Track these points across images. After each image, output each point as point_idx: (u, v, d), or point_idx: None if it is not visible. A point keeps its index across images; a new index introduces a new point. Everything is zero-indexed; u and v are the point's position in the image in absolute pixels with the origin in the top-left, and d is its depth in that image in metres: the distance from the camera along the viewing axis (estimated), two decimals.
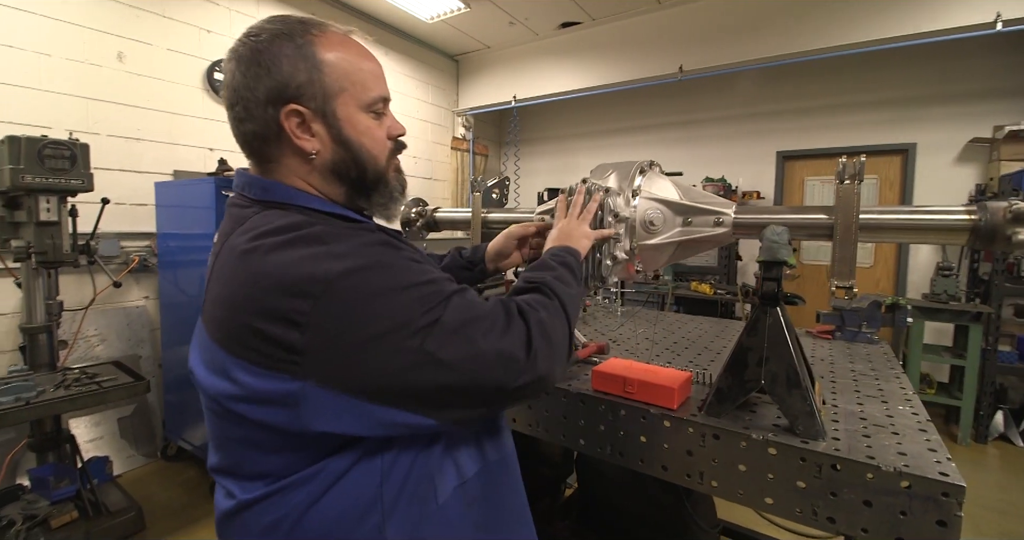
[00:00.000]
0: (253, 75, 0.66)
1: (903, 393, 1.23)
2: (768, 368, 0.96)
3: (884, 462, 0.84)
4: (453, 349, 0.59)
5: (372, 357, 0.57)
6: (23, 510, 2.02)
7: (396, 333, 0.58)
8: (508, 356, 0.62)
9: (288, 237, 0.61)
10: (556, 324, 0.71)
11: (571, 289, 0.80)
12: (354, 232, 0.65)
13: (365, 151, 0.73)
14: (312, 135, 0.69)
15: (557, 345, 0.69)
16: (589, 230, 1.01)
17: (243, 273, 0.60)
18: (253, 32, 0.68)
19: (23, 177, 1.89)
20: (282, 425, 0.60)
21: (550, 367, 0.66)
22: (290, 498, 0.62)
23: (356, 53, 0.72)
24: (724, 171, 4.78)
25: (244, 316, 0.59)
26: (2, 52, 2.52)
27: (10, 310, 2.59)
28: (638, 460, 1.06)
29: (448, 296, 0.63)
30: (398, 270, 0.61)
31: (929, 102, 4.08)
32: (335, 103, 0.69)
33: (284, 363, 0.57)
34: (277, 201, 0.70)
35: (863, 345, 1.69)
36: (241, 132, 0.70)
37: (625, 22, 4.46)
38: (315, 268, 0.57)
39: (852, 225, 0.93)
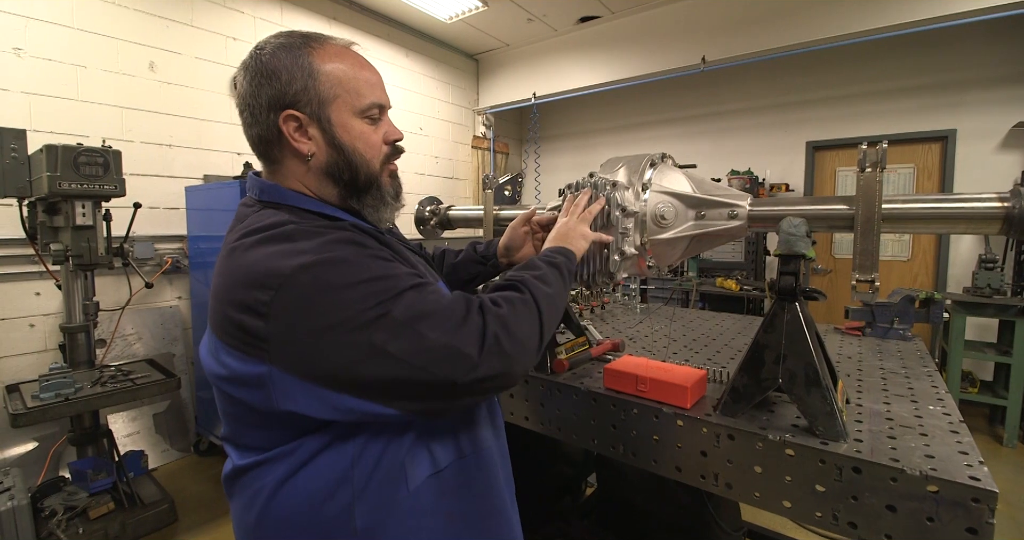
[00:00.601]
0: (257, 84, 0.74)
1: (935, 392, 1.17)
2: (786, 366, 0.92)
3: (909, 465, 0.80)
4: (400, 343, 0.61)
5: (324, 347, 0.61)
6: (64, 501, 2.12)
7: (344, 326, 0.61)
8: (457, 351, 0.62)
9: (263, 236, 0.67)
10: (522, 320, 0.70)
11: (549, 288, 0.79)
12: (325, 230, 0.68)
13: (358, 155, 0.78)
14: (308, 139, 0.75)
15: (520, 341, 0.68)
16: (588, 231, 0.99)
17: (226, 268, 0.68)
18: (260, 46, 0.77)
19: (60, 184, 1.98)
20: (256, 404, 0.66)
21: (507, 364, 0.66)
22: (270, 471, 0.69)
23: (351, 63, 0.78)
24: (750, 163, 4.65)
25: (224, 306, 0.66)
26: (42, 65, 2.65)
27: (53, 310, 2.72)
28: (651, 460, 1.04)
29: (401, 291, 0.64)
30: (354, 266, 0.64)
31: (969, 86, 3.87)
32: (329, 109, 0.75)
33: (254, 348, 0.63)
34: (273, 201, 0.77)
35: (895, 342, 1.62)
36: (249, 136, 0.78)
37: (645, 14, 4.38)
38: (277, 263, 0.63)
39: (874, 215, 0.88)
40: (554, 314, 0.79)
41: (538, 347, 0.72)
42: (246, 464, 0.72)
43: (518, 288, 0.77)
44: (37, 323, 2.70)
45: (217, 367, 0.69)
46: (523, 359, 0.69)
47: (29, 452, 2.57)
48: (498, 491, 0.82)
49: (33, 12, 2.61)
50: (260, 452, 0.71)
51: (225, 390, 0.70)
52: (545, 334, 0.75)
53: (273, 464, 0.69)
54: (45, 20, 2.65)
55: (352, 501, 0.68)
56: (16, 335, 2.64)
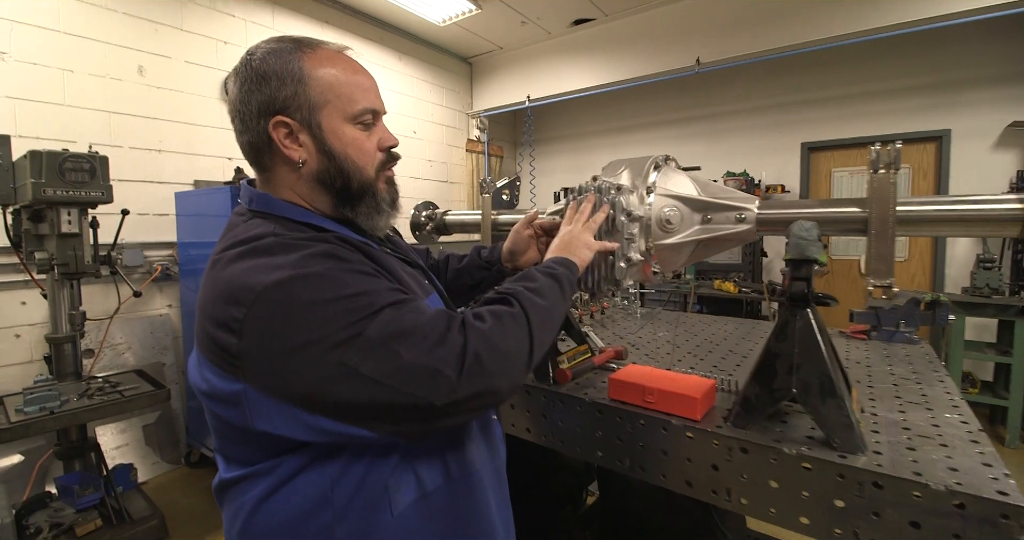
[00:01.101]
0: (247, 90, 0.73)
1: (949, 398, 1.13)
2: (799, 376, 0.88)
3: (933, 479, 0.76)
4: (374, 363, 0.58)
5: (296, 367, 0.59)
6: (49, 518, 2.05)
7: (317, 345, 0.58)
8: (434, 371, 0.59)
9: (244, 249, 0.66)
10: (508, 335, 0.67)
11: (544, 301, 0.75)
12: (307, 243, 0.66)
13: (350, 161, 0.75)
14: (299, 145, 0.74)
15: (504, 358, 0.65)
16: (592, 240, 0.96)
17: (208, 281, 0.67)
18: (251, 51, 0.75)
19: (44, 190, 1.92)
20: (234, 421, 0.65)
21: (489, 383, 0.63)
22: (251, 486, 0.68)
23: (344, 68, 0.75)
24: (746, 165, 4.64)
25: (203, 320, 0.65)
26: (28, 70, 2.59)
27: (39, 320, 2.65)
28: (660, 475, 1.00)
29: (379, 309, 0.61)
30: (330, 282, 0.62)
31: (963, 86, 3.88)
32: (320, 115, 0.73)
33: (229, 365, 0.62)
34: (262, 211, 0.75)
35: (901, 345, 1.59)
36: (240, 143, 0.77)
37: (639, 16, 4.37)
38: (252, 278, 0.61)
39: (889, 218, 0.85)
40: (548, 329, 0.75)
41: (527, 364, 0.69)
42: (231, 478, 0.71)
43: (508, 301, 0.73)
44: (23, 333, 2.63)
45: (200, 381, 0.68)
46: (508, 377, 0.65)
47: (14, 466, 2.49)
48: (487, 518, 0.78)
49: (18, 15, 2.55)
50: (244, 466, 0.69)
51: (207, 404, 0.69)
52: (536, 350, 0.71)
53: (254, 480, 0.68)
54: (31, 23, 2.59)
55: (332, 524, 0.65)
56: (1, 346, 2.57)
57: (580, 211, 1.00)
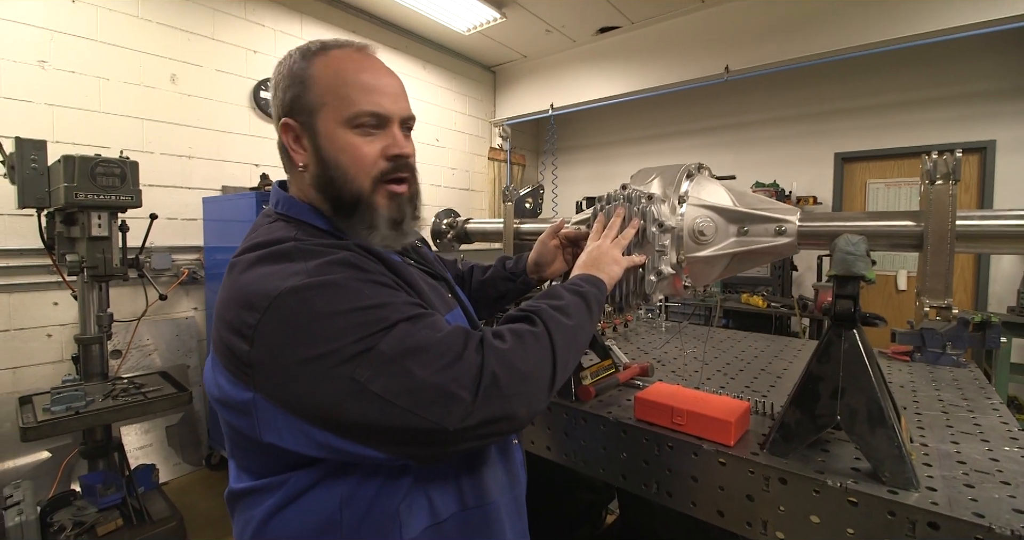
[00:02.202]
0: (274, 94, 0.76)
1: (1006, 429, 1.05)
2: (845, 402, 0.82)
3: (997, 522, 0.69)
4: (385, 381, 0.55)
5: (305, 380, 0.56)
6: (73, 516, 2.07)
7: (328, 358, 0.55)
8: (449, 393, 0.56)
9: (264, 252, 0.64)
10: (530, 356, 0.63)
11: (570, 320, 0.71)
12: (326, 250, 0.65)
13: (340, 170, 0.70)
14: (303, 149, 0.73)
15: (524, 380, 0.61)
16: (621, 257, 0.91)
17: (226, 285, 0.66)
18: (286, 55, 0.76)
19: (76, 194, 1.96)
20: (244, 430, 0.63)
21: (508, 407, 0.59)
22: (259, 501, 0.65)
23: (352, 68, 0.71)
24: (776, 176, 4.51)
25: (219, 324, 0.63)
26: (66, 77, 2.67)
27: (70, 321, 2.72)
28: (689, 502, 0.94)
29: (393, 323, 0.58)
30: (346, 292, 0.59)
31: (1010, 95, 3.71)
32: (317, 118, 0.71)
33: (241, 372, 0.60)
34: (287, 214, 0.74)
35: (948, 369, 1.49)
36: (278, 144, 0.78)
37: (666, 24, 4.32)
38: (267, 284, 0.59)
39: (947, 233, 0.78)
40: (573, 350, 0.71)
41: (548, 387, 0.65)
42: (240, 489, 0.69)
43: (531, 319, 0.70)
44: (54, 333, 2.70)
45: (213, 386, 0.66)
46: (528, 401, 0.61)
47: (42, 463, 2.54)
48: None
49: (59, 25, 2.64)
50: (253, 477, 0.68)
51: (219, 410, 0.67)
52: (559, 372, 0.66)
53: (262, 495, 0.66)
54: (70, 33, 2.68)
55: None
56: (34, 345, 2.64)
57: (609, 225, 0.95)
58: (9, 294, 2.56)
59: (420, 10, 4.04)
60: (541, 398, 0.64)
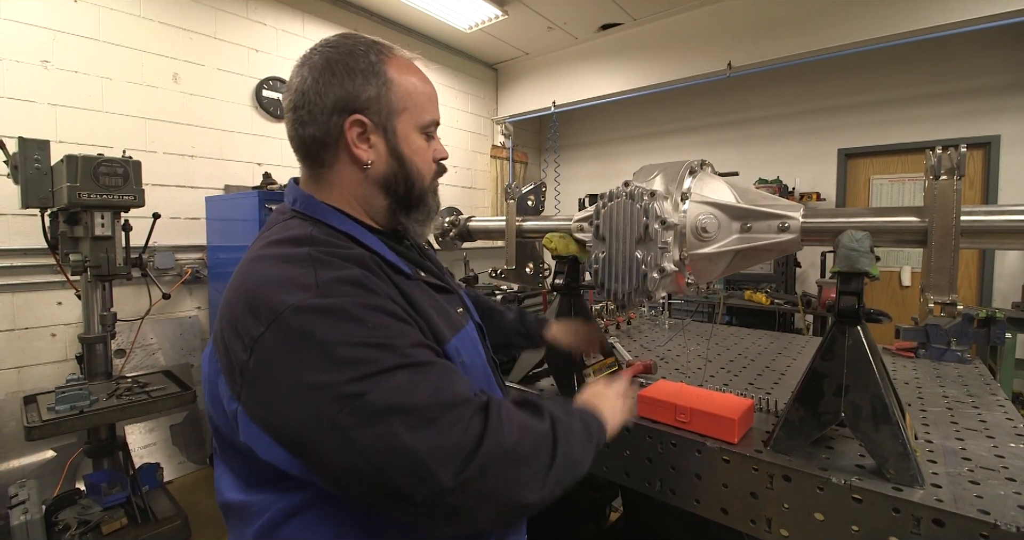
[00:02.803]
0: (325, 82, 0.69)
1: (1011, 425, 1.04)
2: (849, 399, 0.81)
3: (1002, 518, 0.69)
4: (366, 434, 0.52)
5: (290, 405, 0.54)
6: (78, 515, 2.08)
7: (317, 392, 0.53)
8: (425, 466, 0.51)
9: (277, 252, 0.64)
10: (529, 460, 0.58)
11: (575, 449, 0.65)
12: (341, 262, 0.63)
13: (415, 168, 0.76)
14: (370, 146, 0.72)
15: (513, 484, 0.56)
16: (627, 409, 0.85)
17: (239, 278, 0.64)
18: (331, 43, 0.73)
19: (79, 194, 1.97)
20: (232, 439, 0.61)
21: (485, 505, 0.55)
22: (253, 520, 0.63)
23: (419, 77, 0.76)
24: (779, 172, 4.49)
25: (224, 320, 0.62)
26: (69, 78, 2.68)
27: (74, 320, 2.73)
28: (693, 500, 0.94)
29: (394, 369, 0.55)
30: (350, 322, 0.56)
31: (1014, 90, 3.68)
32: (396, 120, 0.73)
33: (232, 380, 0.59)
34: (305, 213, 0.73)
35: (953, 365, 1.48)
36: (300, 135, 0.72)
37: (668, 20, 4.29)
38: (276, 295, 0.58)
39: (952, 229, 0.78)
40: (564, 477, 0.62)
41: (529, 507, 0.58)
42: (233, 502, 0.66)
43: (545, 422, 0.63)
44: (58, 333, 2.71)
45: (209, 386, 0.66)
46: (502, 510, 0.56)
47: (47, 462, 2.56)
48: None
49: (61, 26, 2.64)
50: (242, 485, 0.65)
51: (212, 405, 0.66)
52: (545, 497, 0.59)
53: (254, 516, 0.63)
54: (73, 33, 2.68)
55: None
56: (38, 344, 2.65)
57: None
58: (13, 294, 2.57)
59: (422, 8, 4.03)
60: (513, 517, 0.59)
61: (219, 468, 0.70)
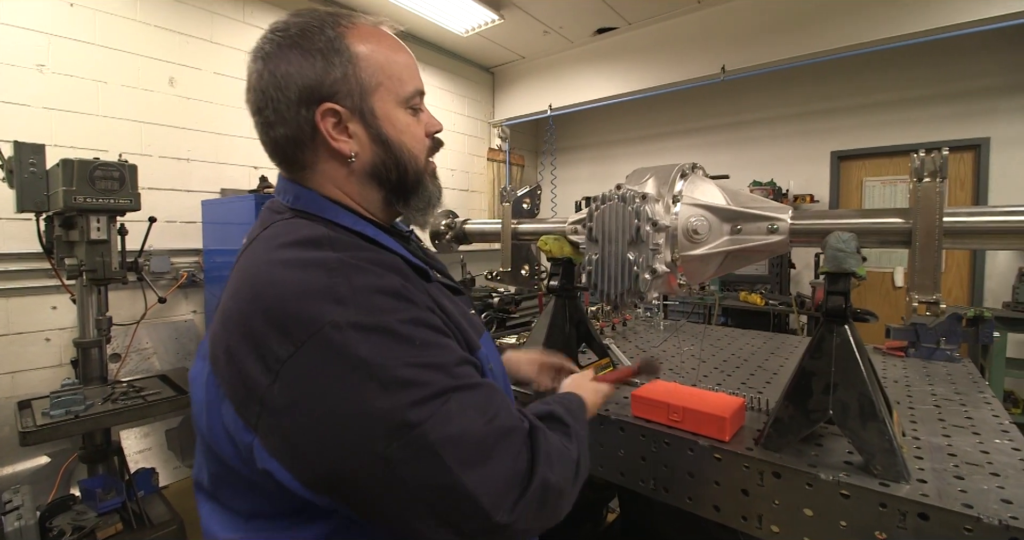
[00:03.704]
0: (283, 73, 0.61)
1: (997, 422, 1.06)
2: (837, 396, 0.83)
3: (985, 512, 0.70)
4: (420, 469, 0.47)
5: (324, 440, 0.48)
6: (72, 521, 2.07)
7: (361, 423, 0.47)
8: (480, 509, 0.49)
9: (298, 257, 0.55)
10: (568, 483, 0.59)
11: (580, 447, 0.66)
12: (369, 266, 0.56)
13: (406, 150, 0.67)
14: (349, 136, 0.64)
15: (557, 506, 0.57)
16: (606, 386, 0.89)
17: (246, 286, 0.55)
18: (279, 27, 0.64)
19: (75, 198, 1.97)
20: (241, 471, 0.54)
21: (533, 529, 0.54)
22: None
23: (389, 44, 0.67)
24: (773, 174, 4.53)
25: (232, 336, 0.53)
26: (64, 81, 2.68)
27: (69, 324, 2.72)
28: (685, 497, 0.95)
29: (447, 393, 0.51)
30: (398, 341, 0.51)
31: (1003, 92, 3.73)
32: (372, 100, 0.64)
33: (246, 408, 0.50)
34: (308, 211, 0.65)
35: (942, 364, 1.50)
36: (271, 138, 0.65)
37: (663, 24, 4.33)
38: (309, 309, 0.50)
39: (935, 230, 0.80)
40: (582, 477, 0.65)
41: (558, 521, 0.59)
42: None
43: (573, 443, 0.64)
44: (53, 337, 2.70)
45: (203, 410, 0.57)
46: (547, 524, 0.57)
47: (41, 468, 2.54)
48: None
49: (57, 29, 2.65)
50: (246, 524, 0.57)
51: (207, 438, 0.57)
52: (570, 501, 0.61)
53: None
54: (68, 37, 2.69)
55: None
56: (33, 349, 2.64)
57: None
58: (7, 298, 2.56)
59: (418, 12, 4.05)
60: (554, 521, 0.59)
61: (208, 505, 0.61)
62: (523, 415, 0.61)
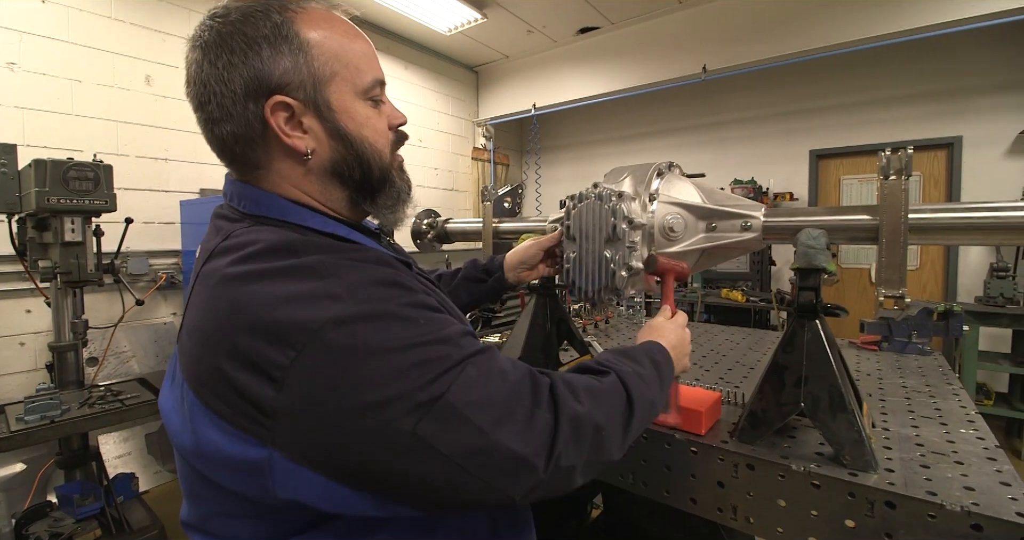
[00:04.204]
0: (225, 64, 0.56)
1: (964, 413, 1.09)
2: (808, 389, 0.85)
3: (948, 499, 0.72)
4: (453, 438, 0.47)
5: (352, 433, 0.46)
6: (49, 528, 2.03)
7: (388, 407, 0.46)
8: (522, 461, 0.49)
9: (277, 266, 0.51)
10: (606, 423, 0.57)
11: (650, 392, 0.66)
12: (357, 263, 0.54)
13: (368, 146, 0.63)
14: (304, 132, 0.59)
15: (595, 450, 0.55)
16: (688, 344, 0.85)
17: (221, 303, 0.51)
18: (219, 13, 0.59)
19: (48, 199, 1.93)
20: (247, 494, 0.51)
21: (573, 479, 0.54)
22: None
23: (343, 32, 0.62)
24: (754, 173, 4.60)
25: (216, 357, 0.49)
26: (37, 80, 2.62)
27: (44, 328, 2.67)
28: (663, 491, 0.96)
29: (461, 363, 0.50)
30: (403, 322, 0.50)
31: (974, 93, 3.84)
32: (327, 91, 0.59)
33: (251, 423, 0.47)
34: (269, 216, 0.60)
35: (914, 357, 1.54)
36: (217, 136, 0.60)
37: (645, 24, 4.37)
38: (303, 312, 0.47)
39: (900, 226, 0.82)
40: (646, 422, 0.64)
41: (614, 457, 0.58)
42: None
43: (609, 377, 0.63)
44: (27, 341, 2.65)
45: (189, 437, 0.52)
46: (591, 472, 0.56)
47: (16, 475, 2.49)
48: None
49: (28, 27, 2.59)
50: None
51: (197, 468, 0.54)
52: (628, 441, 0.60)
53: None
54: (40, 35, 2.63)
55: None
56: (6, 354, 2.58)
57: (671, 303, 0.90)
58: None
59: (401, 10, 4.04)
60: (602, 468, 0.58)
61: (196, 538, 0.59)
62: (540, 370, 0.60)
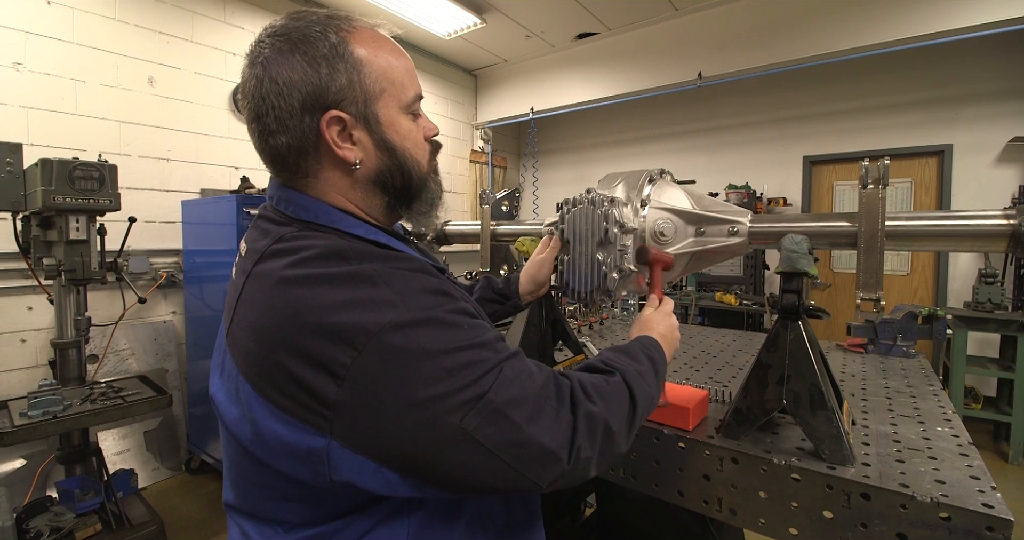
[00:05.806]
0: (285, 81, 0.59)
1: (942, 412, 1.14)
2: (790, 387, 0.89)
3: (920, 491, 0.77)
4: (493, 431, 0.53)
5: (404, 426, 0.52)
6: (50, 522, 2.06)
7: (436, 404, 0.52)
8: (551, 453, 0.56)
9: (333, 272, 0.56)
10: (615, 422, 0.64)
11: (650, 388, 0.73)
12: (406, 273, 0.59)
13: (409, 156, 0.68)
14: (354, 143, 0.64)
15: (608, 445, 0.62)
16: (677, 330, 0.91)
17: (281, 304, 0.55)
18: (279, 30, 0.62)
19: (54, 198, 1.96)
20: (303, 479, 0.56)
21: (589, 471, 0.61)
22: None
23: (390, 49, 0.67)
24: (748, 178, 4.67)
25: (279, 354, 0.53)
26: (41, 80, 2.65)
27: (46, 325, 2.69)
28: (652, 484, 1.01)
29: (498, 365, 0.57)
30: (451, 328, 0.56)
31: (965, 101, 3.91)
32: (376, 106, 0.64)
33: (312, 415, 0.52)
34: (318, 223, 0.64)
35: (898, 359, 1.59)
36: (271, 146, 0.63)
37: (642, 31, 4.43)
38: (363, 317, 0.53)
39: (877, 233, 0.87)
40: (645, 416, 0.72)
41: (621, 452, 0.65)
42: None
43: (615, 377, 0.69)
44: (29, 338, 2.67)
45: (248, 427, 0.57)
46: (603, 465, 0.63)
47: (17, 470, 2.51)
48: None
49: (33, 27, 2.62)
50: (289, 527, 0.60)
51: (257, 455, 0.58)
52: (631, 437, 0.68)
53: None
54: (45, 35, 2.66)
55: None
56: (8, 350, 2.60)
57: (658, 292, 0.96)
58: None
59: (400, 15, 4.08)
60: (614, 460, 0.66)
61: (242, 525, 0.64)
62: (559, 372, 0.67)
